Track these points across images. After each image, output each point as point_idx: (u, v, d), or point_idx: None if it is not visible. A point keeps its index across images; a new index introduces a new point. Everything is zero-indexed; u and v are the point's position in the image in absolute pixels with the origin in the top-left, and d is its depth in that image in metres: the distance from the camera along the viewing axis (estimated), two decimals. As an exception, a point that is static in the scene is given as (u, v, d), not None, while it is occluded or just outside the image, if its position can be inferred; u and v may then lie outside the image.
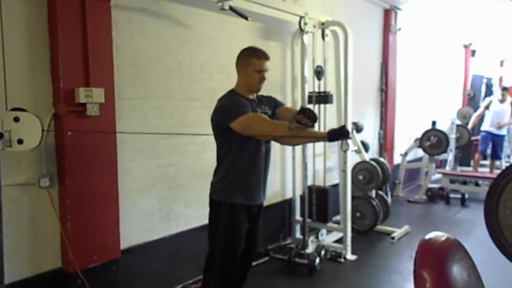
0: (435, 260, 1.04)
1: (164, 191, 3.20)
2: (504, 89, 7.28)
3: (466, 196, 6.11)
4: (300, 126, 2.03)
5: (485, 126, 7.32)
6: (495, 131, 7.14)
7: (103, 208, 2.72)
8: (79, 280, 2.57)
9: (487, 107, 7.37)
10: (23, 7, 2.39)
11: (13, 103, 2.19)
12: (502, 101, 7.14)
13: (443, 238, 1.14)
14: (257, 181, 2.43)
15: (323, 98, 4.06)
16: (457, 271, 1.05)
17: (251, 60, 2.38)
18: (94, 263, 2.66)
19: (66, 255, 2.56)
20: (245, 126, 2.19)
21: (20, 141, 2.09)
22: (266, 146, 2.44)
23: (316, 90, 4.06)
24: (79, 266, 2.56)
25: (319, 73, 3.99)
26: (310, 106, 3.89)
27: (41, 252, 2.54)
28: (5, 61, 2.19)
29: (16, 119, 2.08)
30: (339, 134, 2.03)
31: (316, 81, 4.05)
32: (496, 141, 7.19)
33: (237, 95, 2.40)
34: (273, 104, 2.56)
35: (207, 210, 2.44)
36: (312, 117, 2.00)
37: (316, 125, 2.84)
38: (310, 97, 4.01)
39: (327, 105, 4.17)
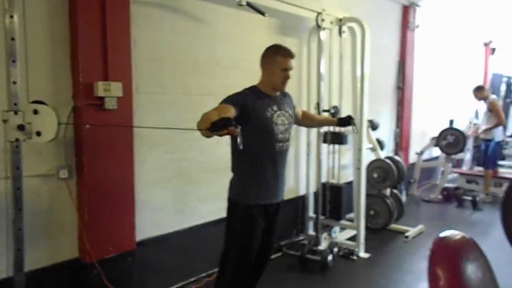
0: (449, 258, 1.03)
1: (178, 186, 3.24)
2: (477, 88, 6.32)
3: (478, 198, 5.95)
4: None
5: None
6: (484, 137, 6.37)
7: (120, 200, 2.76)
8: (95, 271, 2.62)
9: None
10: (45, 2, 2.43)
11: (34, 96, 2.24)
12: (484, 100, 6.24)
13: (459, 237, 1.13)
14: (273, 180, 2.43)
15: (337, 137, 4.02)
16: (471, 270, 1.04)
17: (276, 58, 2.37)
18: (110, 254, 2.72)
19: (83, 246, 2.62)
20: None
21: (38, 133, 2.14)
22: (283, 145, 2.43)
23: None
24: (96, 256, 2.61)
25: (335, 113, 3.79)
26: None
27: (59, 242, 2.60)
28: (28, 55, 2.25)
29: (36, 112, 2.13)
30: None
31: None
32: (487, 147, 6.33)
33: (253, 91, 2.39)
34: (292, 105, 2.58)
35: (220, 205, 2.47)
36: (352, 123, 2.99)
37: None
38: (324, 135, 3.99)
39: (343, 101, 4.16)
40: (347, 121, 2.99)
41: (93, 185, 2.61)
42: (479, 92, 6.31)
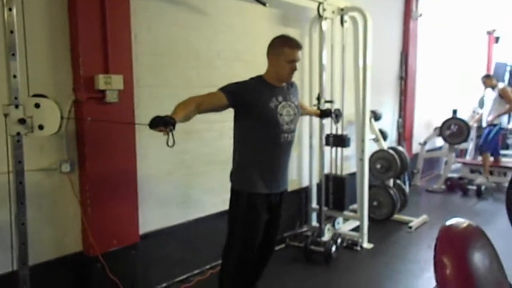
0: (456, 247, 1.02)
1: (181, 178, 3.23)
2: (486, 76, 6.46)
3: (483, 188, 5.95)
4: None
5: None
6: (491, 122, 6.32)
7: (122, 193, 2.76)
8: (99, 264, 2.62)
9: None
10: (44, -5, 2.41)
11: (35, 90, 2.21)
12: (492, 88, 6.28)
13: (465, 225, 1.12)
14: (277, 171, 2.42)
15: (340, 140, 4.05)
16: (478, 258, 1.03)
17: (283, 49, 2.33)
18: (114, 247, 2.72)
19: (86, 239, 2.62)
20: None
21: (41, 127, 2.12)
22: (289, 136, 2.41)
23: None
24: (99, 250, 2.61)
25: (337, 116, 3.82)
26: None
27: (62, 236, 2.61)
28: (27, 48, 2.22)
29: (37, 105, 2.11)
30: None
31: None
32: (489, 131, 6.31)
33: (258, 81, 2.38)
34: (297, 95, 2.56)
35: (223, 197, 2.46)
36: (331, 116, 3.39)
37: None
38: (327, 138, 4.00)
39: (345, 91, 4.14)
40: (327, 113, 3.35)
41: (95, 179, 2.61)
42: (488, 79, 6.35)
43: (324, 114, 3.34)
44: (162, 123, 1.99)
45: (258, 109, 2.30)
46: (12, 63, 2.02)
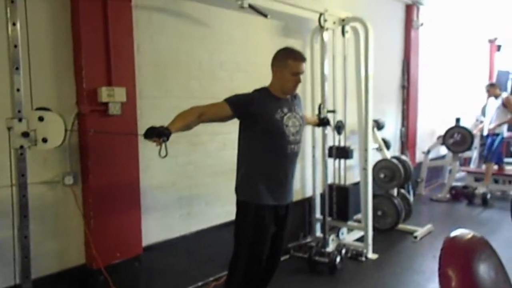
0: (461, 258, 1.01)
1: (184, 189, 3.23)
2: (491, 85, 6.49)
3: (488, 196, 5.92)
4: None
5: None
6: (493, 132, 6.34)
7: (126, 205, 2.76)
8: (102, 277, 2.61)
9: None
10: (47, 9, 2.44)
11: (38, 103, 2.23)
12: (495, 97, 6.32)
13: (469, 236, 1.10)
14: (283, 182, 2.42)
15: (343, 152, 4.13)
16: (484, 269, 1.02)
17: (287, 62, 2.34)
18: (117, 259, 2.71)
19: (89, 252, 2.61)
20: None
21: (44, 140, 2.13)
22: (295, 147, 2.41)
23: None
24: (103, 262, 2.60)
25: (339, 128, 4.00)
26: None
27: (65, 249, 2.60)
28: (31, 62, 2.24)
29: (41, 119, 2.12)
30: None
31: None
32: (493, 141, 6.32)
33: (263, 93, 2.38)
34: (301, 106, 2.57)
35: (227, 208, 2.46)
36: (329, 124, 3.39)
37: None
38: (330, 150, 4.04)
39: (348, 101, 4.14)
40: (325, 122, 3.32)
41: (98, 191, 2.61)
42: (492, 88, 6.39)
43: (322, 123, 3.31)
44: (156, 134, 2.02)
45: (264, 121, 2.30)
46: (16, 77, 2.05)
